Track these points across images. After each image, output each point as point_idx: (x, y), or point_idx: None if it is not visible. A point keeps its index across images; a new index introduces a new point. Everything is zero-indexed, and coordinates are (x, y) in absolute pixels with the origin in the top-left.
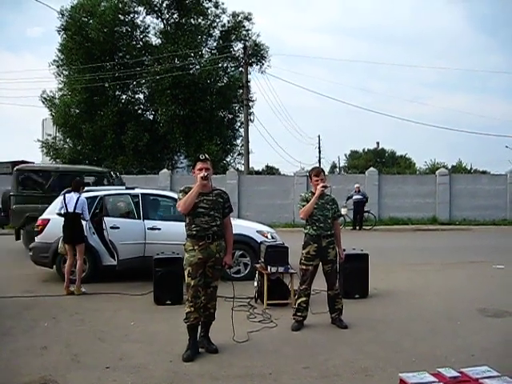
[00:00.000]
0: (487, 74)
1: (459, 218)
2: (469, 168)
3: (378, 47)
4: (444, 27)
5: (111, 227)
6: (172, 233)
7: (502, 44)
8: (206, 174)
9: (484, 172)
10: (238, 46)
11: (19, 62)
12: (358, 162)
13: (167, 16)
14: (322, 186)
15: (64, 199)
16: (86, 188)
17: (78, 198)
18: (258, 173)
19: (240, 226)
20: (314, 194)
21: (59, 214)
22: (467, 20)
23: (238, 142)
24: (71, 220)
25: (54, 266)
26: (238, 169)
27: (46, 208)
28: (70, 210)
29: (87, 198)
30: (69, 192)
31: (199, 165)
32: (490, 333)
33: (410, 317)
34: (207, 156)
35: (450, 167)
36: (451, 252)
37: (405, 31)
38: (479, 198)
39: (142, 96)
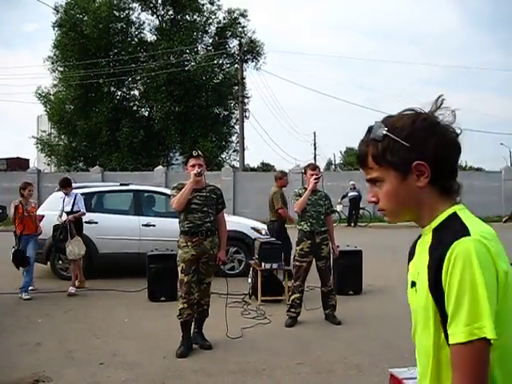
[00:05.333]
0: (482, 71)
1: None
2: (464, 165)
3: (374, 44)
4: (441, 25)
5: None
6: (166, 229)
7: (497, 41)
8: (199, 170)
9: (479, 169)
10: (233, 43)
11: (13, 58)
12: (354, 158)
13: (162, 12)
14: (315, 179)
15: (63, 199)
16: (79, 185)
17: (75, 196)
18: (253, 169)
19: (234, 222)
20: (307, 189)
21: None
22: (464, 17)
23: (234, 138)
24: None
25: (48, 263)
26: (233, 165)
27: None
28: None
29: (82, 195)
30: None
31: (192, 161)
32: None
33: (403, 313)
34: (200, 152)
35: None
36: None
37: (402, 28)
38: (474, 194)
39: (137, 92)
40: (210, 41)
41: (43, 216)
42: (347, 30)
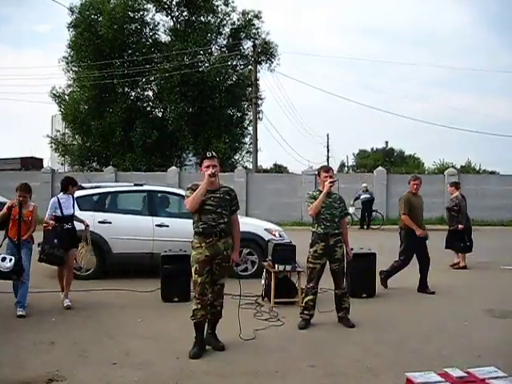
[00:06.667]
0: (495, 73)
1: None
2: (478, 168)
3: (382, 46)
4: (451, 26)
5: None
6: (180, 230)
7: (509, 42)
8: (213, 171)
9: (493, 172)
10: (247, 44)
11: (28, 59)
12: (367, 161)
13: (177, 14)
14: (330, 182)
15: (59, 202)
16: (94, 185)
17: (73, 197)
18: (266, 171)
19: (248, 223)
20: (321, 191)
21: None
22: (474, 18)
23: (247, 140)
24: (72, 222)
25: None
26: (246, 167)
27: None
28: (69, 212)
29: (95, 195)
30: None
31: (206, 162)
32: (497, 333)
33: (417, 316)
34: (214, 153)
35: (458, 167)
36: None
37: (412, 30)
38: (488, 198)
39: (151, 93)
40: (224, 42)
41: None
42: (357, 31)
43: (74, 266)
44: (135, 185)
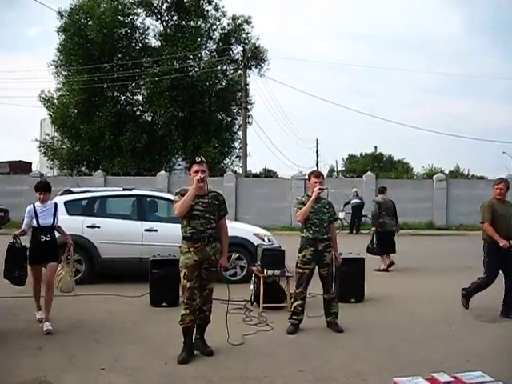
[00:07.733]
0: (485, 79)
1: (456, 223)
2: (466, 173)
3: (376, 51)
4: (443, 32)
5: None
6: (169, 234)
7: (501, 48)
8: (201, 176)
9: (481, 177)
10: (237, 49)
11: (17, 62)
12: (356, 166)
13: (167, 18)
14: (319, 189)
15: (35, 210)
16: (84, 189)
17: (55, 206)
18: (255, 176)
19: (237, 228)
20: (310, 197)
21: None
22: (466, 24)
23: (236, 144)
24: (51, 234)
25: None
26: (235, 171)
27: None
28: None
29: (84, 199)
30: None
31: (195, 167)
32: (486, 338)
33: (406, 321)
34: (203, 158)
35: (447, 172)
36: (447, 257)
37: (404, 36)
38: (476, 203)
39: (140, 97)
40: (214, 47)
41: None
42: (348, 37)
43: None
44: (124, 189)
